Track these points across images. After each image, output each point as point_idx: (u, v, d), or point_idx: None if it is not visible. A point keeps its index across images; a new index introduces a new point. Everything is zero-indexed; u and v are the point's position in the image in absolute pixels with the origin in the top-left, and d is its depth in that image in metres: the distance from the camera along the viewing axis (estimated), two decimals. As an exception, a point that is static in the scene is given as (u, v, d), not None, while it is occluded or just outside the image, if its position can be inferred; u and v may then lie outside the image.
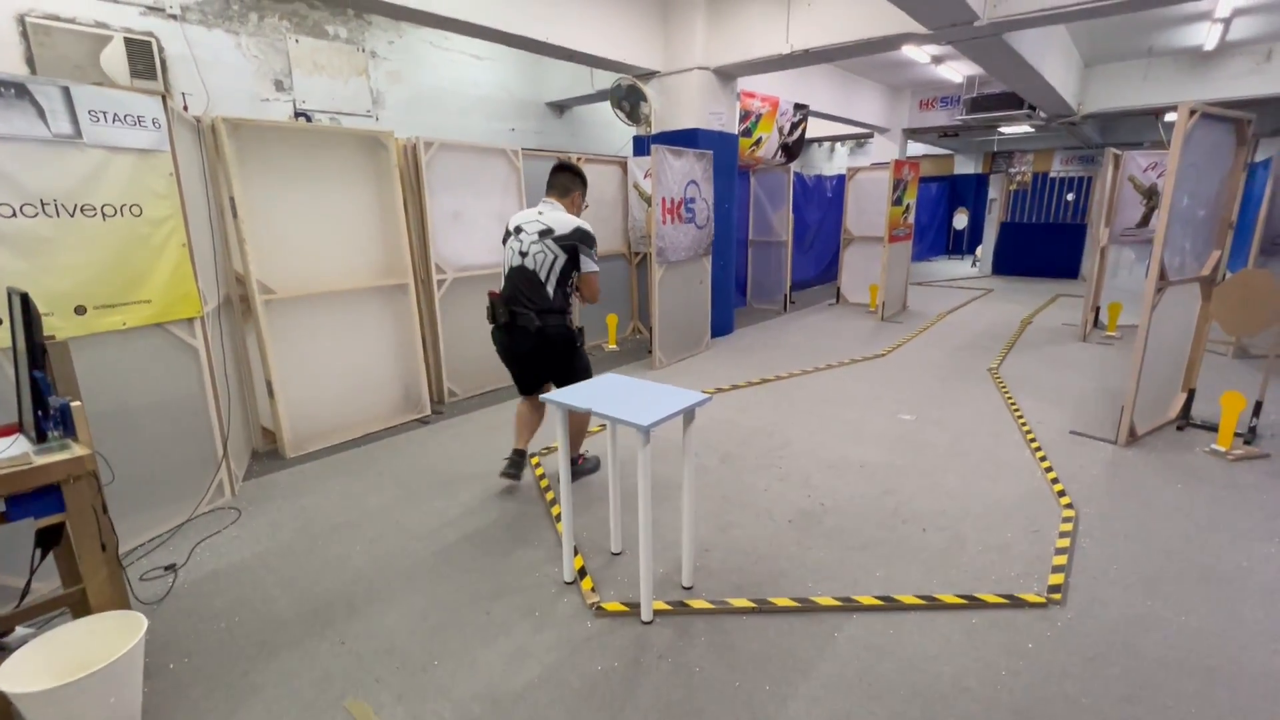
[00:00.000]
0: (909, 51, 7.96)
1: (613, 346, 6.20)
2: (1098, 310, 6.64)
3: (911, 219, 8.00)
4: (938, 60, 8.64)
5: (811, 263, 10.13)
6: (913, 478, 3.21)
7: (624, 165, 6.31)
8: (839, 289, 8.72)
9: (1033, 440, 3.67)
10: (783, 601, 2.18)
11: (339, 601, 2.25)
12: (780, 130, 7.97)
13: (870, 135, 11.71)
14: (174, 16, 4.76)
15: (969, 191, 15.85)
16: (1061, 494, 2.97)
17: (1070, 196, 14.31)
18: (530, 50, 5.13)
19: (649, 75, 6.01)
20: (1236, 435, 3.59)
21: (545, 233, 2.75)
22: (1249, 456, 3.42)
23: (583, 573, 2.38)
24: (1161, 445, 3.62)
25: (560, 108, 7.91)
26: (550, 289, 2.77)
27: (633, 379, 2.35)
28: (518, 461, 3.03)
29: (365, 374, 4.02)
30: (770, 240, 8.35)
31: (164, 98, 2.65)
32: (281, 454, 3.58)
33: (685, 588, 2.28)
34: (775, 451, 3.56)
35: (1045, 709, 1.74)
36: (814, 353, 5.90)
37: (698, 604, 2.17)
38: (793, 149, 8.34)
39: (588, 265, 2.82)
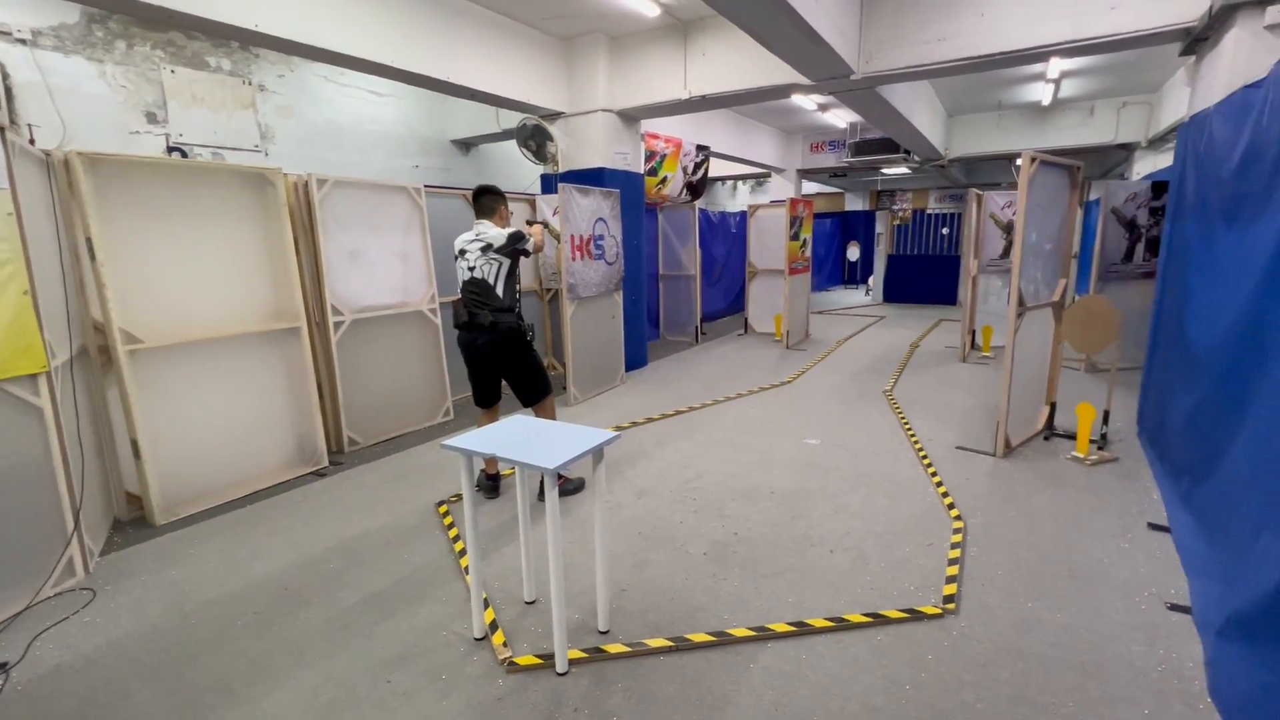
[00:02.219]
0: (798, 100, 8.59)
1: (526, 384, 6.08)
2: (973, 333, 7.31)
3: (809, 252, 8.52)
4: (824, 108, 9.38)
5: (720, 295, 10.51)
6: (820, 501, 3.34)
7: (533, 203, 6.32)
8: (746, 319, 9.08)
9: (925, 458, 3.93)
10: (699, 637, 2.17)
11: (215, 688, 2.01)
12: (684, 169, 8.30)
13: (768, 175, 12.44)
14: (23, 41, 4.32)
15: (859, 226, 17.13)
16: (951, 507, 3.19)
17: (945, 231, 15.83)
18: (431, 89, 5.08)
19: (554, 115, 6.11)
20: (1091, 442, 4.03)
21: (486, 248, 3.26)
22: (1102, 460, 3.83)
23: (494, 626, 2.27)
24: (1032, 455, 3.99)
25: (466, 145, 7.85)
26: (500, 290, 3.27)
27: (540, 420, 2.31)
28: (493, 485, 3.48)
29: (252, 426, 3.70)
30: (680, 274, 8.60)
31: (1, 130, 2.38)
32: (150, 521, 3.19)
33: (602, 632, 2.22)
34: (690, 484, 3.59)
35: (946, 718, 1.82)
36: (725, 382, 6.07)
37: (614, 649, 2.12)
38: (697, 187, 8.69)
39: (530, 246, 3.39)
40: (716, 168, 12.51)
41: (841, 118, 10.12)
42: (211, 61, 5.38)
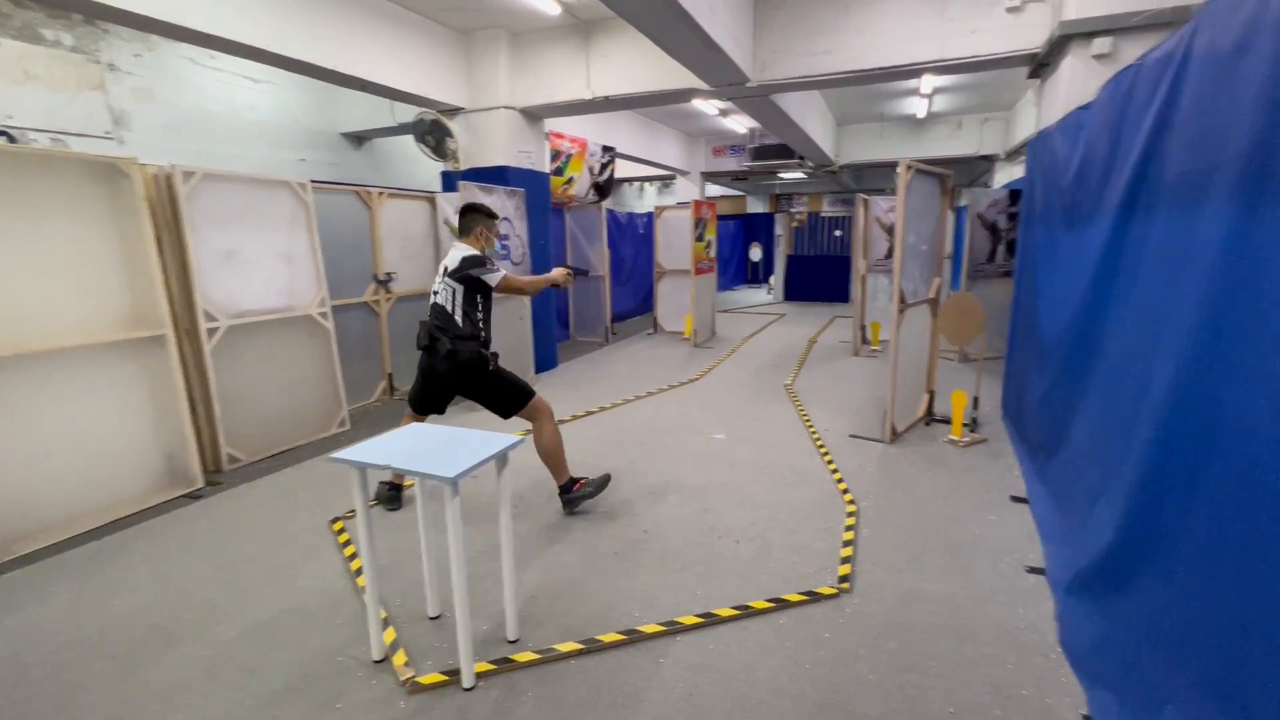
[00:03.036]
0: (700, 104, 8.82)
1: (431, 390, 5.83)
2: (864, 329, 7.83)
3: (714, 253, 8.78)
4: (724, 113, 9.70)
5: (630, 295, 10.60)
6: (727, 493, 3.45)
7: (433, 200, 6.07)
8: (655, 319, 9.22)
9: (822, 447, 4.16)
10: (610, 637, 2.18)
11: (63, 746, 1.77)
12: (591, 170, 8.29)
13: (674, 177, 12.70)
14: None
15: (760, 228, 17.87)
16: (845, 492, 3.41)
17: (838, 233, 16.84)
18: (316, 77, 4.75)
19: (454, 111, 5.90)
20: (964, 425, 4.44)
21: (444, 271, 3.09)
22: (974, 442, 4.23)
23: (395, 646, 2.15)
24: (915, 439, 4.33)
25: (359, 139, 7.41)
26: (458, 318, 3.05)
27: (442, 427, 2.22)
28: (395, 495, 3.33)
29: (110, 447, 3.30)
30: (589, 275, 8.58)
31: None
32: (-22, 562, 2.77)
33: (511, 641, 2.18)
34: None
35: (842, 692, 1.94)
36: (636, 381, 6.13)
37: (524, 657, 2.08)
38: (604, 188, 8.71)
39: (492, 278, 3.06)
40: (623, 169, 12.61)
41: (741, 123, 10.51)
42: (48, 34, 4.73)
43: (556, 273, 3.37)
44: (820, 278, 13.88)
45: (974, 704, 1.89)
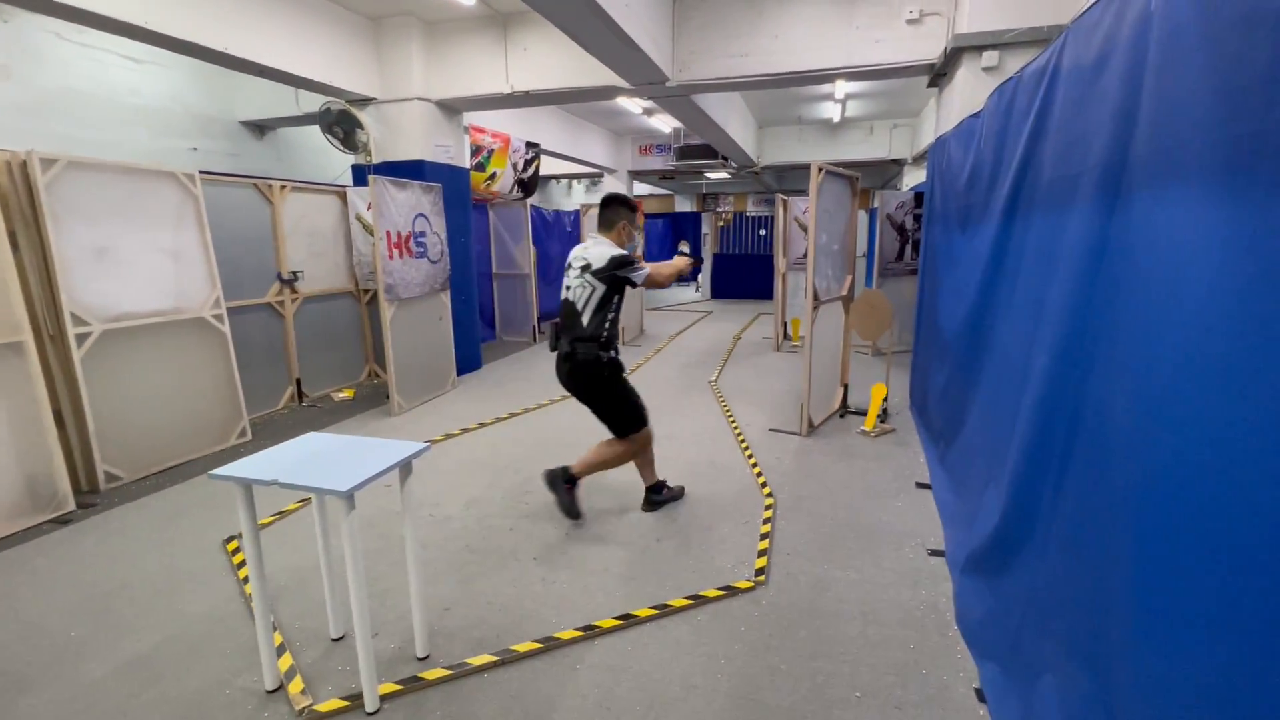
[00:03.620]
0: (625, 103, 8.81)
1: (347, 395, 5.54)
2: (784, 325, 8.08)
3: (642, 253, 8.80)
4: (649, 113, 9.72)
5: (557, 293, 10.45)
6: (649, 492, 3.46)
7: (343, 195, 5.76)
8: (584, 318, 9.15)
9: (743, 442, 4.25)
10: (525, 647, 2.12)
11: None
12: (515, 166, 8.12)
13: (601, 175, 12.65)
14: None
15: (688, 227, 18.09)
16: (764, 485, 3.49)
17: (762, 232, 17.29)
18: (205, 60, 4.38)
19: (365, 101, 5.61)
20: (875, 417, 4.66)
21: (585, 268, 2.86)
22: (884, 432, 4.45)
23: (291, 673, 2.01)
24: (830, 431, 4.50)
25: (260, 128, 6.92)
26: (585, 319, 2.86)
27: (340, 436, 2.09)
28: (677, 490, 3.36)
29: (-47, 470, 2.91)
30: (515, 273, 8.41)
31: None
32: None
33: (420, 659, 2.08)
34: (522, 488, 3.52)
35: (755, 683, 1.97)
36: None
37: (433, 674, 1.99)
38: (529, 184, 8.55)
39: (639, 275, 2.88)
40: (549, 166, 12.43)
41: (666, 123, 10.58)
42: None
43: (682, 262, 3.27)
44: (745, 276, 14.24)
45: (877, 686, 1.97)
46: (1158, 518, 1.20)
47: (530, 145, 8.35)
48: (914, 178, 10.84)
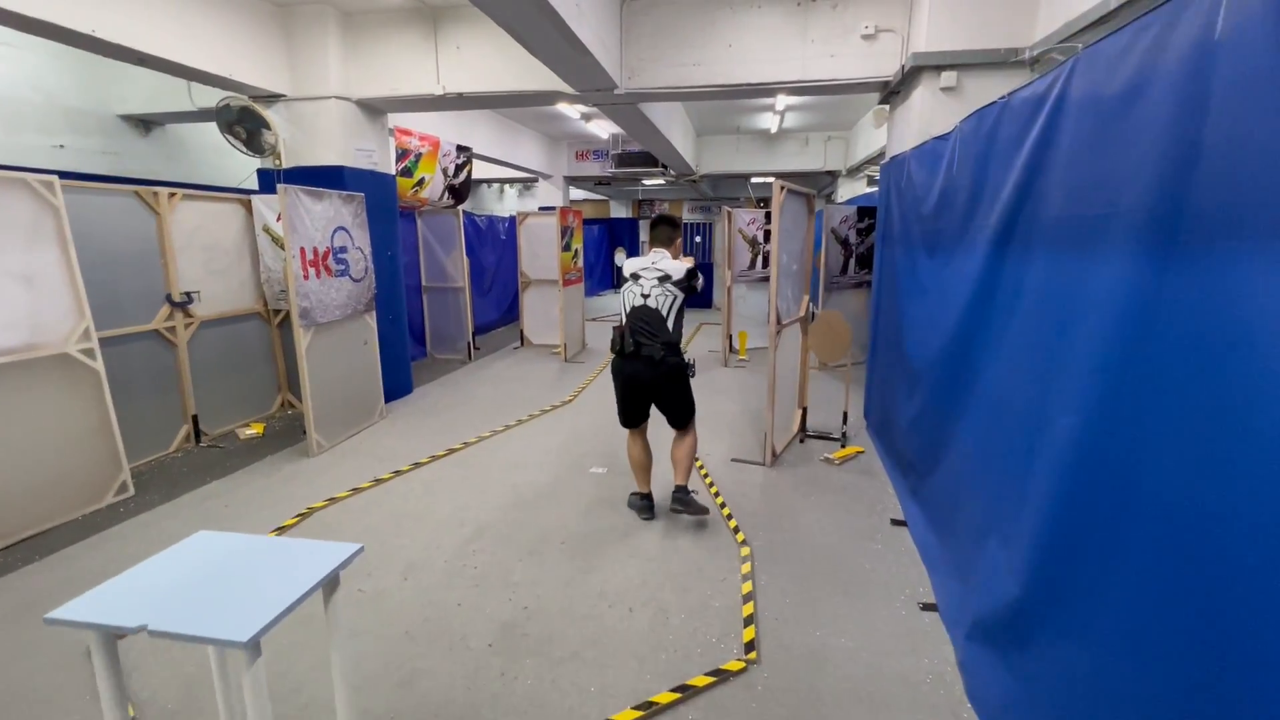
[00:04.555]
0: (563, 108, 8.43)
1: (255, 432, 4.87)
2: (730, 339, 7.95)
3: (581, 262, 8.44)
4: (587, 118, 9.38)
5: (493, 305, 9.94)
6: (612, 544, 3.13)
7: (248, 203, 5.07)
8: (522, 332, 8.69)
9: (705, 475, 4.00)
10: (488, 778, 1.75)
11: None
12: (445, 171, 7.56)
13: (535, 180, 12.17)
14: None
15: (624, 233, 17.87)
16: (736, 530, 3.24)
17: (699, 239, 17.29)
18: (68, 44, 3.67)
19: (273, 98, 4.96)
20: (833, 439, 4.53)
21: (664, 278, 3.21)
22: (848, 456, 4.32)
23: None
24: (793, 459, 4.33)
25: (145, 123, 6.05)
26: (670, 324, 3.20)
27: (238, 538, 1.64)
28: (648, 505, 3.45)
29: None
30: (447, 286, 7.84)
31: None
32: None
33: (355, 808, 1.66)
34: (469, 546, 3.10)
35: (765, 803, 1.69)
36: (503, 406, 5.61)
37: (372, 835, 1.59)
38: (460, 190, 8.00)
39: (699, 284, 3.32)
40: (481, 170, 11.85)
41: (604, 128, 10.27)
42: None
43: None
44: (685, 284, 14.09)
45: (901, 792, 1.73)
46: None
47: (462, 149, 7.81)
48: (849, 189, 11.05)
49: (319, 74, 4.95)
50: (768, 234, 8.16)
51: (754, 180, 16.25)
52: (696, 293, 3.33)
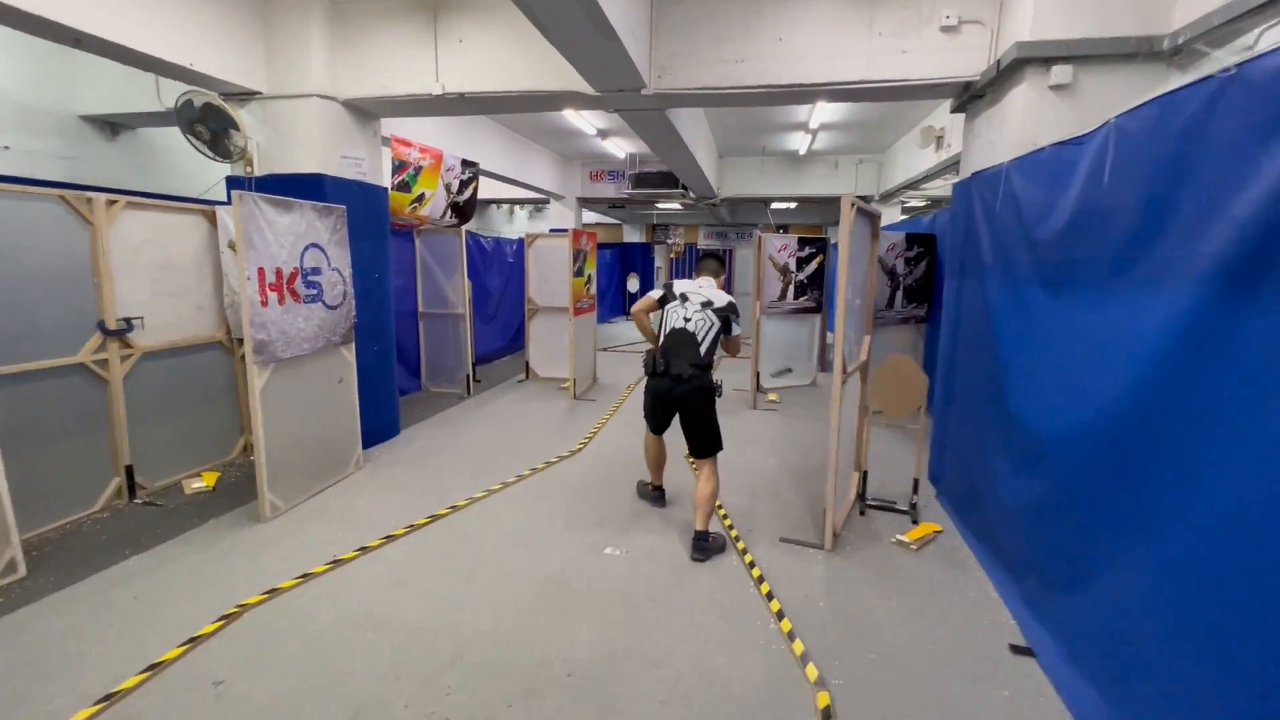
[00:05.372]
0: (576, 122, 7.81)
1: (204, 485, 4.08)
2: (757, 376, 7.15)
3: (594, 289, 7.71)
4: (603, 134, 8.77)
5: (497, 332, 9.21)
6: (637, 673, 2.30)
7: (212, 215, 4.37)
8: (528, 363, 7.92)
9: (751, 564, 3.16)
10: None
11: None
12: (448, 188, 6.89)
13: (547, 201, 11.56)
14: None
15: (637, 257, 17.25)
16: (804, 659, 2.39)
17: (715, 265, 16.58)
18: (7, 24, 3.01)
19: (246, 96, 4.30)
20: (903, 513, 3.70)
21: (707, 304, 3.34)
22: (925, 538, 3.47)
23: None
24: (856, 538, 3.48)
25: (112, 125, 5.42)
26: (703, 349, 3.31)
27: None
28: (660, 496, 3.82)
29: None
30: (446, 312, 7.11)
31: None
32: None
33: None
34: (441, 679, 2.27)
35: None
36: (501, 455, 4.81)
37: None
38: (465, 209, 7.33)
39: (736, 329, 3.42)
40: (490, 189, 11.27)
41: (621, 147, 9.67)
42: None
43: (740, 342, 3.58)
44: (701, 312, 13.36)
45: None
46: None
47: (467, 164, 7.16)
48: (883, 218, 10.32)
49: (299, 69, 4.28)
50: (800, 261, 7.43)
51: (774, 206, 15.64)
52: (731, 331, 3.38)
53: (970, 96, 3.79)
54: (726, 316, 3.34)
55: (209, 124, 4.08)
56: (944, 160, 6.76)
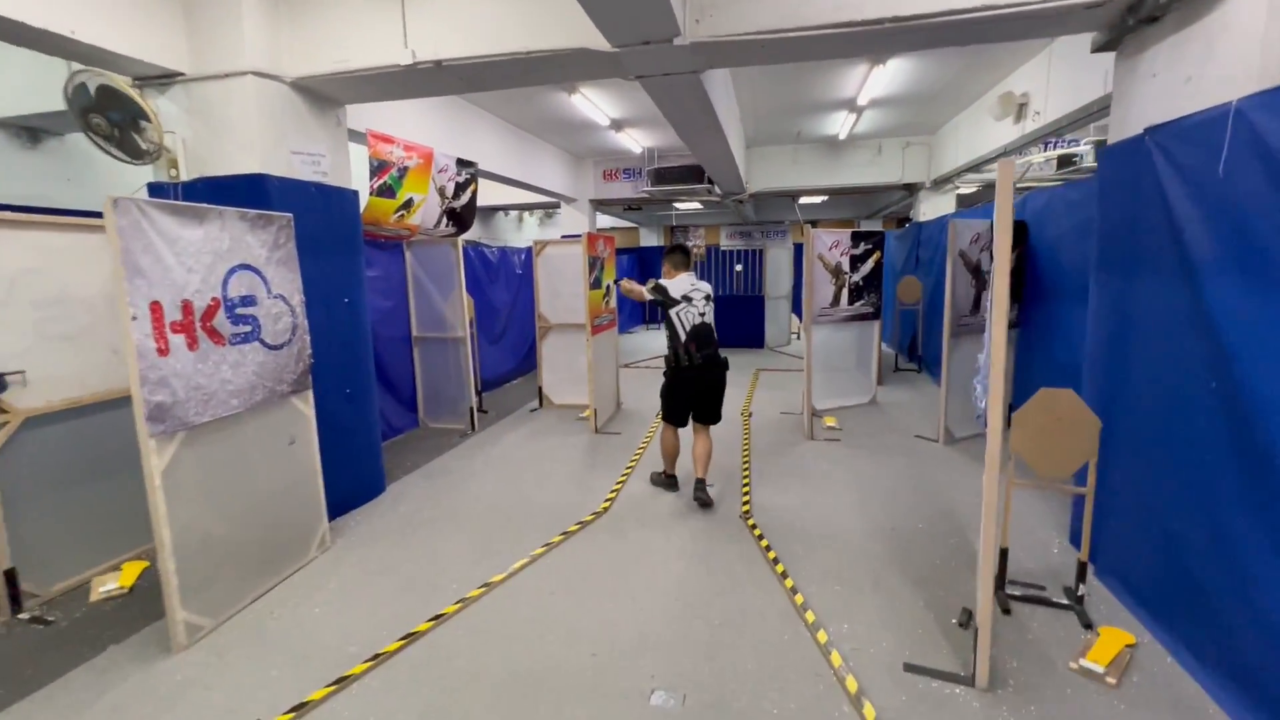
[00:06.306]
0: (586, 109, 6.82)
1: (116, 587, 3.11)
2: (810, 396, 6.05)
3: (614, 302, 6.69)
4: (618, 125, 7.78)
5: (507, 353, 8.23)
6: None
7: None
8: (540, 389, 6.92)
9: (864, 707, 2.09)
10: None
11: None
12: (442, 192, 5.92)
13: (557, 205, 10.60)
14: None
15: (656, 262, 16.19)
16: None
17: (739, 268, 15.52)
18: None
19: (166, 79, 3.37)
20: (1059, 605, 2.59)
21: (708, 297, 3.87)
22: (1120, 662, 2.36)
23: None
24: (1012, 658, 2.39)
25: (30, 131, 4.53)
26: (716, 335, 3.90)
27: None
28: (675, 482, 4.21)
29: None
30: (445, 336, 6.14)
31: None
32: None
33: None
34: None
35: None
36: (508, 521, 3.80)
37: None
38: (463, 216, 6.36)
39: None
40: (495, 194, 10.33)
41: (638, 140, 8.66)
42: None
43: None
44: (728, 319, 12.24)
45: None
46: None
47: (464, 164, 6.18)
48: (934, 207, 9.17)
49: (229, 40, 3.32)
50: (854, 260, 6.33)
51: (802, 202, 14.50)
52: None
53: (1140, 19, 2.68)
54: (714, 300, 3.93)
55: (110, 114, 3.13)
56: (1029, 133, 5.63)
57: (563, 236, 9.84)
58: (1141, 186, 2.67)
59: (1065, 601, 2.76)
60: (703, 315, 3.79)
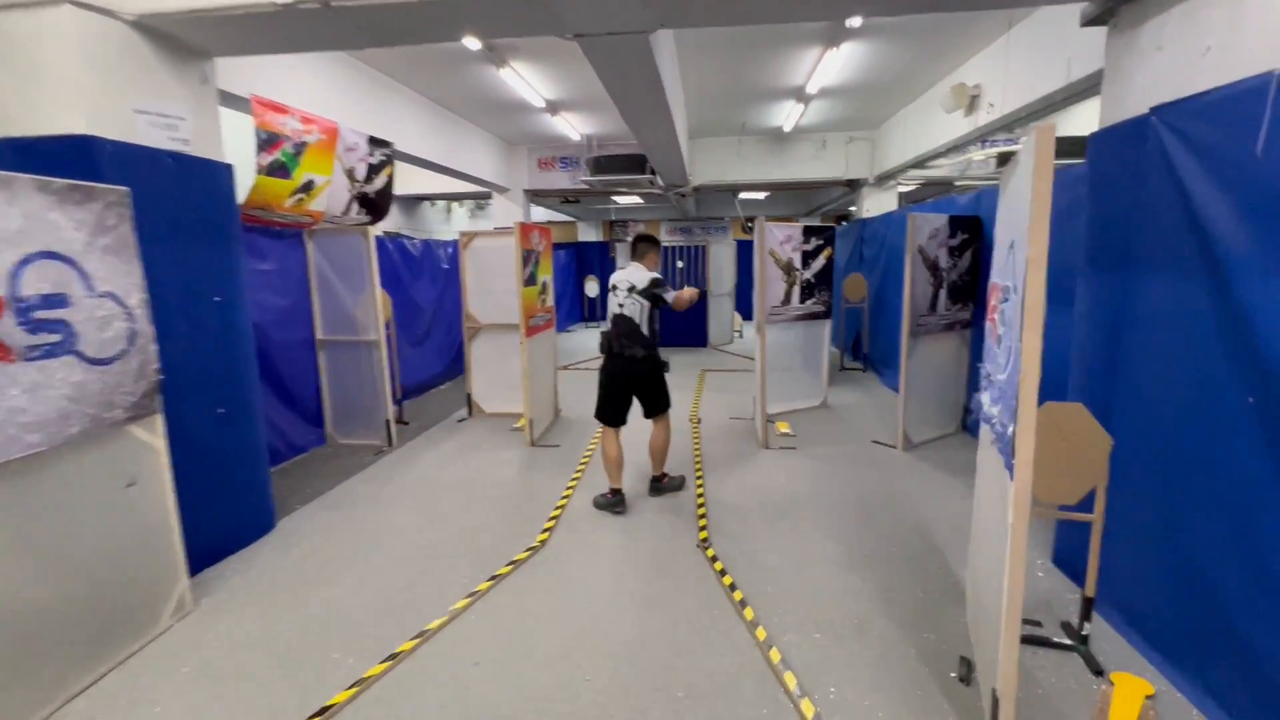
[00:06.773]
0: (519, 87, 6.19)
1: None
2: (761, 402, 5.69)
3: (551, 300, 6.10)
4: (554, 108, 7.17)
5: (433, 356, 7.48)
6: None
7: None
8: (469, 396, 6.24)
9: (887, 833, 1.66)
10: None
11: None
12: (351, 174, 5.16)
13: (489, 196, 9.87)
14: None
15: (595, 258, 15.65)
16: None
17: (681, 264, 15.16)
18: None
19: (-51, 7, 2.54)
20: (1062, 646, 2.27)
21: (631, 289, 3.66)
22: (1145, 717, 2.04)
23: None
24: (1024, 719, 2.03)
25: None
26: (644, 329, 3.67)
27: None
28: (621, 500, 3.78)
29: None
30: (357, 339, 5.38)
31: None
32: None
33: None
34: None
35: None
36: (429, 559, 3.18)
37: None
38: (377, 202, 5.60)
39: (670, 295, 3.69)
40: (419, 182, 9.50)
41: (575, 126, 8.08)
42: None
43: (693, 291, 3.81)
44: (671, 317, 11.88)
45: None
46: None
47: (377, 143, 5.43)
48: (876, 203, 9.07)
49: (38, -43, 2.54)
50: (805, 256, 6.02)
51: (742, 197, 14.30)
52: (665, 303, 3.68)
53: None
54: (653, 294, 3.64)
55: None
56: (981, 126, 5.46)
57: (495, 229, 9.14)
58: (1147, 173, 2.38)
59: (1068, 641, 2.44)
60: (621, 307, 3.68)
